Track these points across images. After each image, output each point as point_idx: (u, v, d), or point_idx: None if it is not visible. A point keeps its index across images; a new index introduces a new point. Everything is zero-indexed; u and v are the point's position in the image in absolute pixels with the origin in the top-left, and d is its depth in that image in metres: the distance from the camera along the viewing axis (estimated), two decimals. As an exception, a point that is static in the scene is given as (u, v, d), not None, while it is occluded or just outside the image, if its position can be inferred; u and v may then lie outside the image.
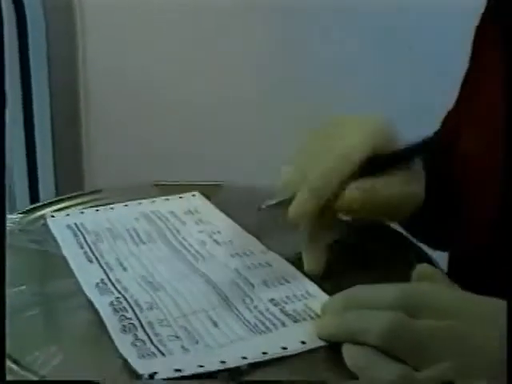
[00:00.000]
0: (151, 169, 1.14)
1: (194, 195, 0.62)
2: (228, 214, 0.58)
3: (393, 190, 0.51)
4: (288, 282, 0.48)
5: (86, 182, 1.24)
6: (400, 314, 0.38)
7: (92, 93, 1.36)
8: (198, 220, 0.57)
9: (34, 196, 1.14)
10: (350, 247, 0.54)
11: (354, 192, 0.49)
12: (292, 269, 0.49)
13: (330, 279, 0.48)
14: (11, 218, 0.57)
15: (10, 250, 0.51)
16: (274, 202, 0.50)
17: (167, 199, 0.61)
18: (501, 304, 0.39)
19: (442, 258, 0.60)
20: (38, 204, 0.60)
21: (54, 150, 1.16)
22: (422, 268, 0.43)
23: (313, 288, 0.47)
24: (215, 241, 0.54)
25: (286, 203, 0.49)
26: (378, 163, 0.51)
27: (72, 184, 1.17)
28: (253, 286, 0.47)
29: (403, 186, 0.52)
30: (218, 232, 0.55)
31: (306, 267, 0.49)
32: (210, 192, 0.63)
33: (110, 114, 1.36)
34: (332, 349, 0.40)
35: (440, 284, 0.42)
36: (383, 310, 0.39)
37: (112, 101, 1.36)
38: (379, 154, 0.50)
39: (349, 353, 0.39)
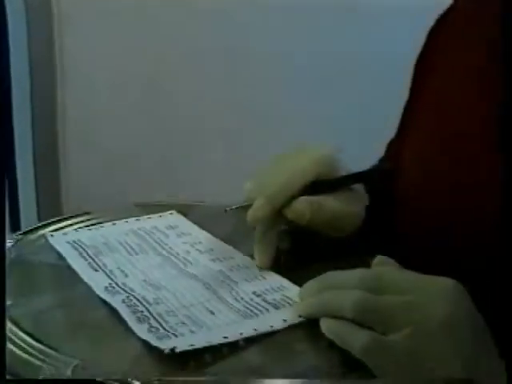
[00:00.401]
0: (124, 193, 1.22)
1: (171, 213, 0.72)
2: (203, 228, 0.68)
3: (336, 207, 0.62)
4: (264, 278, 0.58)
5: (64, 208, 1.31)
6: (365, 291, 0.48)
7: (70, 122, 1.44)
8: (180, 233, 0.67)
9: (15, 221, 1.21)
10: (313, 246, 0.65)
11: (303, 203, 0.60)
12: (270, 273, 0.59)
13: (297, 274, 0.58)
14: (13, 237, 0.65)
15: (21, 264, 0.60)
16: (236, 206, 0.61)
17: (149, 217, 0.70)
18: (446, 280, 0.50)
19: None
20: (34, 226, 0.68)
21: (36, 180, 1.23)
22: (379, 258, 0.53)
23: (286, 282, 0.57)
24: (198, 250, 0.63)
25: (246, 208, 0.60)
26: (321, 187, 0.62)
27: (52, 209, 1.24)
28: (236, 282, 0.57)
29: (345, 205, 0.63)
30: (199, 242, 0.65)
31: (257, 263, 0.60)
32: (185, 211, 0.72)
33: (88, 145, 1.44)
34: (309, 325, 0.50)
35: (396, 268, 0.53)
36: (352, 289, 0.49)
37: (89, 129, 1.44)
38: (323, 179, 0.62)
39: (326, 324, 0.49)
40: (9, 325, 0.48)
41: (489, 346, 0.49)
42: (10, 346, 0.46)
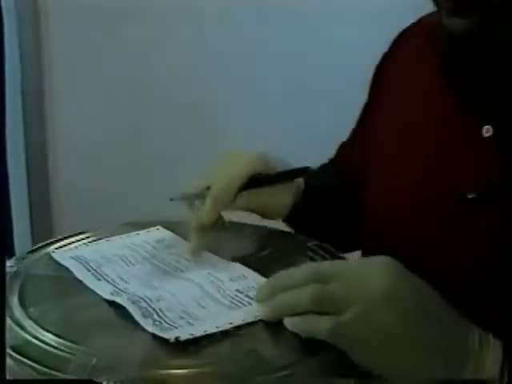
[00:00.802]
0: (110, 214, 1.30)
1: (158, 229, 0.81)
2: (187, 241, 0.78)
3: (266, 199, 0.79)
4: (246, 277, 0.68)
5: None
6: (316, 284, 0.57)
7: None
8: (168, 245, 0.76)
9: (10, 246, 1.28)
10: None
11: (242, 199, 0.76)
12: (246, 269, 0.69)
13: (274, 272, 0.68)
14: (20, 256, 0.74)
15: (35, 278, 0.69)
16: (181, 196, 0.76)
17: (138, 233, 0.80)
18: (382, 258, 0.58)
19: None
20: (37, 246, 0.77)
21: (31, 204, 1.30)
22: None
23: (263, 280, 0.67)
24: (185, 259, 0.73)
25: (191, 197, 0.77)
26: (258, 181, 0.78)
27: (44, 232, 1.32)
28: (222, 281, 0.67)
29: (276, 197, 0.80)
30: (186, 253, 0.74)
31: (191, 255, 0.72)
32: (170, 227, 0.82)
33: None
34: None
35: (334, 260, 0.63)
36: (303, 284, 0.57)
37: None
38: (260, 174, 0.78)
39: (290, 322, 0.57)
40: (35, 326, 0.58)
41: (435, 308, 0.57)
42: (38, 343, 0.56)
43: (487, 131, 0.69)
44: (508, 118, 0.69)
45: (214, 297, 0.64)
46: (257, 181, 0.78)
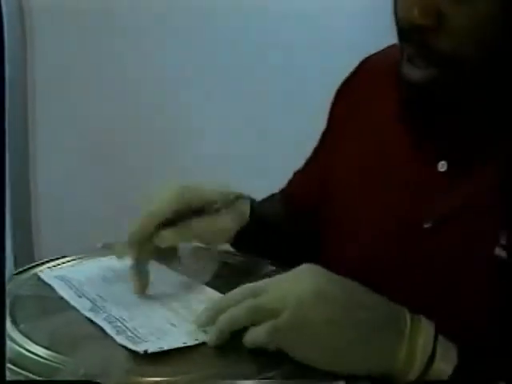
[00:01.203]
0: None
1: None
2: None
3: (201, 228, 0.80)
4: (213, 299, 0.77)
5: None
6: (250, 299, 0.63)
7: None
8: (143, 267, 0.86)
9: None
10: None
11: (167, 233, 0.77)
12: (214, 291, 0.78)
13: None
14: (11, 276, 0.82)
15: (23, 298, 0.77)
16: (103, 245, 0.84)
17: (118, 256, 0.89)
18: (305, 265, 0.65)
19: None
20: (24, 267, 0.86)
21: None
22: None
23: None
24: (161, 280, 0.82)
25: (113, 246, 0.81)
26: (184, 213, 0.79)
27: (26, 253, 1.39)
28: (190, 302, 0.76)
29: (212, 224, 0.80)
30: (161, 274, 0.84)
31: (134, 291, 0.77)
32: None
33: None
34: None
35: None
36: (239, 302, 0.64)
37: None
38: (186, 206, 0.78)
39: (246, 339, 0.63)
40: (26, 340, 0.66)
41: (366, 297, 0.63)
42: (30, 355, 0.64)
43: (442, 166, 0.74)
44: (461, 154, 0.73)
45: (184, 316, 0.73)
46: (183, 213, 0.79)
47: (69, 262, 0.87)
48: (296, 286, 0.63)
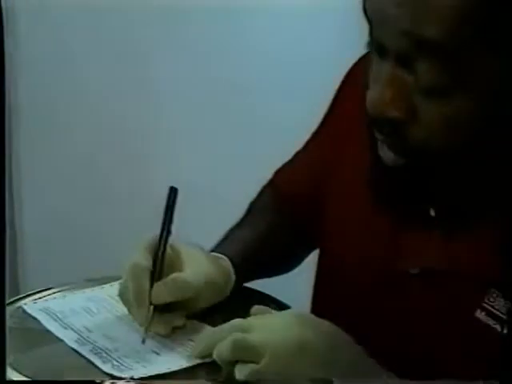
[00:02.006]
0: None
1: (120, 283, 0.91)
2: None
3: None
4: (197, 330, 0.78)
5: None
6: (236, 333, 0.65)
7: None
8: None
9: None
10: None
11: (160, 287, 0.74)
12: (197, 322, 0.79)
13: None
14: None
15: (10, 331, 0.78)
16: None
17: (102, 287, 0.89)
18: (293, 311, 0.68)
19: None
20: (10, 300, 0.87)
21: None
22: (256, 308, 0.71)
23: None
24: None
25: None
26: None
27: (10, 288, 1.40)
28: (175, 333, 0.77)
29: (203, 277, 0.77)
30: None
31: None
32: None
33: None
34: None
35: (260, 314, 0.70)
36: (225, 336, 0.65)
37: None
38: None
39: (240, 373, 0.65)
40: (11, 371, 0.67)
41: (347, 355, 0.65)
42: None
43: (432, 211, 0.71)
44: (449, 201, 0.71)
45: (168, 345, 0.74)
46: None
47: (53, 294, 0.88)
48: (280, 333, 0.65)
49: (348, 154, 0.82)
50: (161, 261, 0.77)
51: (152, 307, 0.74)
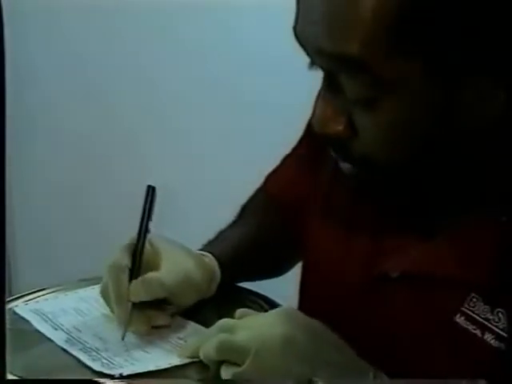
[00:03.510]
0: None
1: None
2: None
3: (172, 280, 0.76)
4: (185, 327, 0.79)
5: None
6: (222, 334, 0.65)
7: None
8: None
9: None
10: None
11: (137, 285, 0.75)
12: (185, 320, 0.80)
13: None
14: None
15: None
16: None
17: (93, 288, 0.90)
18: (280, 309, 0.68)
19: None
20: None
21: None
22: (240, 311, 0.71)
23: (201, 328, 0.78)
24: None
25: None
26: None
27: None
28: (164, 331, 0.77)
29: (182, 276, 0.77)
30: None
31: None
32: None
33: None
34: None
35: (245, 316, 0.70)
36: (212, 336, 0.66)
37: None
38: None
39: (225, 374, 0.65)
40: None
41: (332, 354, 0.65)
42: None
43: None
44: (424, 205, 0.71)
45: (157, 343, 0.75)
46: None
47: (46, 295, 0.88)
48: (266, 331, 0.65)
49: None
50: (139, 259, 0.77)
51: (130, 305, 0.75)
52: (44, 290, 0.90)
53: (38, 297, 0.88)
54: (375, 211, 0.75)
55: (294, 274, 0.96)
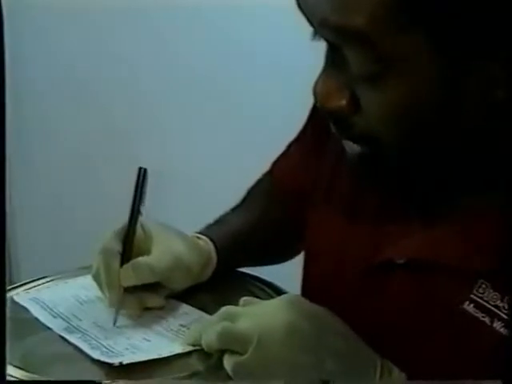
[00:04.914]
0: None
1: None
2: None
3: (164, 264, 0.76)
4: (187, 314, 0.77)
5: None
6: (224, 322, 0.64)
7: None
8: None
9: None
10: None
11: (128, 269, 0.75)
12: (188, 306, 0.79)
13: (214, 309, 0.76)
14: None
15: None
16: None
17: (94, 275, 0.89)
18: (284, 296, 0.66)
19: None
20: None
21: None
22: (245, 299, 0.69)
23: (204, 315, 0.76)
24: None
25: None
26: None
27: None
28: (167, 319, 0.76)
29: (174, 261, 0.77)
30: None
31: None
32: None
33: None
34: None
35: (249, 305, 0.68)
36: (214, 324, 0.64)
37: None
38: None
39: (227, 363, 0.63)
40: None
41: (335, 342, 0.63)
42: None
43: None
44: (428, 190, 0.70)
45: (158, 331, 0.74)
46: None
47: (46, 283, 0.87)
48: (270, 319, 0.63)
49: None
50: (130, 243, 0.77)
51: (122, 289, 0.74)
52: (44, 278, 0.89)
53: (39, 285, 0.87)
54: (378, 197, 0.74)
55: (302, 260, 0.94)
